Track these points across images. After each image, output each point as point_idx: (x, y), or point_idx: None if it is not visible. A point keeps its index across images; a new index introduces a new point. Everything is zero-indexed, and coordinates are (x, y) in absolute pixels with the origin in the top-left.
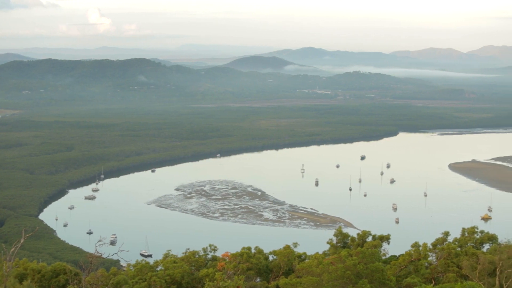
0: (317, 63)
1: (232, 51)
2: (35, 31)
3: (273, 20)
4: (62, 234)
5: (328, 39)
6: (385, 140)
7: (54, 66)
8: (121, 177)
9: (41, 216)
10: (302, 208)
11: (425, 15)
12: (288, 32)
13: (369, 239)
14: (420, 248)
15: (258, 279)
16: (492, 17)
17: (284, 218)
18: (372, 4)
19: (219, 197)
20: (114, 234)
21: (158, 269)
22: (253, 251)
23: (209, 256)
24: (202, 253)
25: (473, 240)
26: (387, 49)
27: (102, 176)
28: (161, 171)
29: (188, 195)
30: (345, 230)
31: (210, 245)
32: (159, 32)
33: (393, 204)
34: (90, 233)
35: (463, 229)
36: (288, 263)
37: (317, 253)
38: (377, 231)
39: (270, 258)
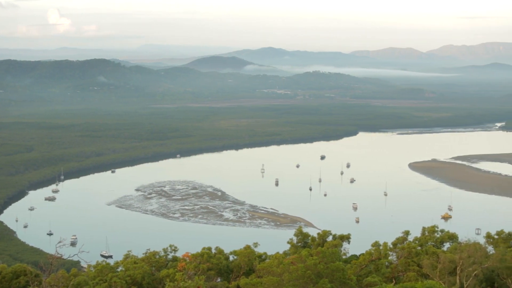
0: (276, 63)
1: (191, 51)
2: None
3: (233, 20)
4: (23, 235)
5: (287, 39)
6: (345, 139)
7: (14, 67)
8: (81, 178)
9: (1, 218)
10: (263, 208)
11: (384, 15)
12: (248, 32)
13: (330, 238)
14: (381, 248)
15: (218, 279)
16: (451, 17)
17: (244, 218)
18: (331, 4)
19: (179, 197)
20: (75, 235)
21: (118, 269)
22: (213, 251)
23: (170, 256)
24: (162, 253)
25: (433, 239)
26: (346, 49)
27: (62, 177)
28: (121, 172)
29: (148, 196)
30: (305, 230)
31: (170, 246)
32: (119, 33)
33: (353, 203)
34: (50, 234)
35: (424, 228)
36: (249, 263)
37: (278, 253)
38: (338, 231)
39: (231, 258)
